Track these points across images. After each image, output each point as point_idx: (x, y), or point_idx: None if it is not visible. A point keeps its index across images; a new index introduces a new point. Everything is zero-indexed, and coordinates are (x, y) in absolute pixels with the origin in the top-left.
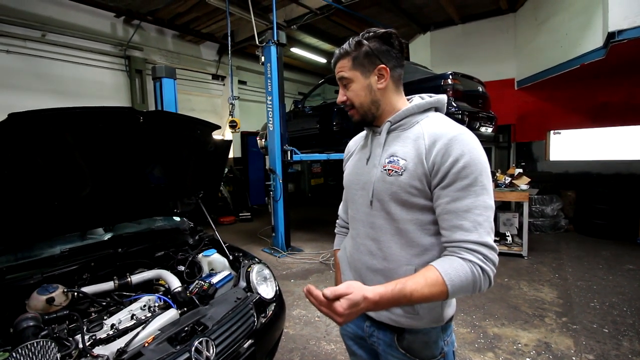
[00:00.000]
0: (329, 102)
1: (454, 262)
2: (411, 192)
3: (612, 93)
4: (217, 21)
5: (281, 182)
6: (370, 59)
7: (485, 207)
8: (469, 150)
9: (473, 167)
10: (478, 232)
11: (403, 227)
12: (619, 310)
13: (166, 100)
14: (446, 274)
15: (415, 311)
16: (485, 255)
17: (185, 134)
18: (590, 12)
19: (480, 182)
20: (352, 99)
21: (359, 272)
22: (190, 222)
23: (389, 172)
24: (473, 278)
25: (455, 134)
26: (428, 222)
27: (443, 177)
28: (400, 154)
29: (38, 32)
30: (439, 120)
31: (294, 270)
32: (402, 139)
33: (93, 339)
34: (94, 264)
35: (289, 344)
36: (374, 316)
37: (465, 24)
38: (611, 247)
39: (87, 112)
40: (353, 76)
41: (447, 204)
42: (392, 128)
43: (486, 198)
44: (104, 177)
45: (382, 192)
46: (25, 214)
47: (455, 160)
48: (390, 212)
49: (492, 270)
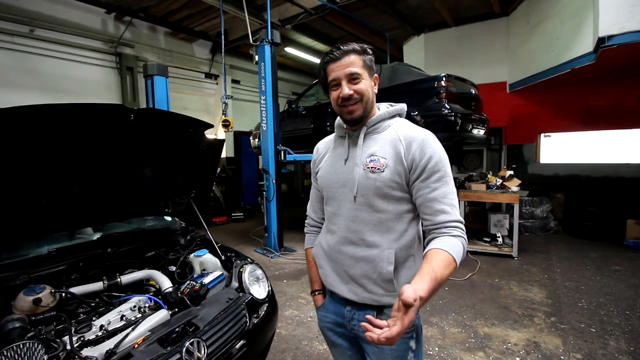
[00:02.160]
0: (322, 102)
1: (451, 241)
2: (392, 186)
3: (601, 97)
4: (211, 19)
5: (274, 182)
6: (372, 67)
7: (453, 192)
8: (437, 149)
9: (442, 162)
10: (455, 212)
11: (384, 217)
12: (605, 310)
13: (158, 98)
14: (453, 252)
15: (395, 288)
16: (462, 229)
17: (177, 133)
18: (581, 17)
19: (448, 173)
20: (363, 92)
21: (341, 263)
22: (181, 222)
23: (372, 169)
24: (462, 247)
25: (425, 137)
26: (403, 212)
27: (421, 173)
28: (380, 154)
29: (26, 27)
30: (407, 125)
31: (286, 270)
32: (378, 140)
33: (81, 340)
34: (82, 264)
35: (282, 345)
36: (357, 299)
37: (458, 27)
38: (599, 249)
39: (76, 109)
40: (363, 74)
41: (429, 194)
42: (367, 131)
43: (452, 186)
44: (93, 176)
45: (366, 187)
46: (11, 213)
47: (429, 158)
48: (373, 205)
49: (465, 237)
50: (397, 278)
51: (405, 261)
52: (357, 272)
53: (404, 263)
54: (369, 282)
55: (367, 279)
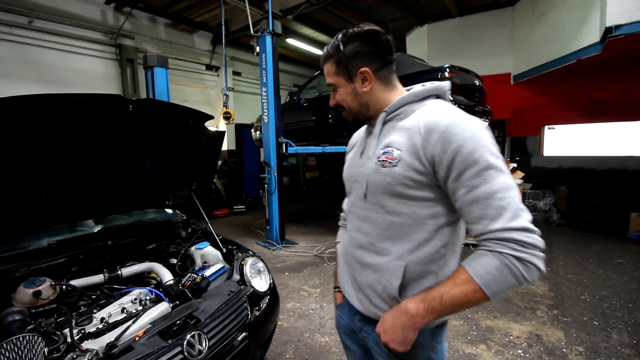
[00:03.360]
0: (324, 94)
1: (482, 258)
2: (406, 183)
3: (606, 89)
4: (211, 10)
5: (276, 174)
6: (352, 63)
7: (506, 188)
8: (471, 135)
9: (478, 151)
10: (503, 217)
11: (397, 221)
12: (608, 303)
13: (158, 90)
14: (475, 273)
15: None
16: (518, 241)
17: (177, 124)
18: (588, 7)
19: (492, 164)
20: (341, 102)
21: (350, 266)
22: (182, 215)
23: (382, 163)
24: (509, 271)
25: (451, 120)
26: (425, 217)
27: (450, 168)
28: (395, 144)
29: (25, 18)
30: (436, 108)
31: (288, 263)
32: (398, 128)
33: (82, 333)
34: (83, 256)
35: (283, 337)
36: (363, 310)
37: (462, 17)
38: (602, 242)
39: (74, 99)
40: (337, 82)
41: (465, 195)
42: (387, 118)
43: (504, 178)
44: (93, 168)
45: (375, 184)
46: (11, 205)
47: (457, 148)
48: (383, 205)
49: (532, 255)
50: (404, 296)
51: (422, 278)
52: (363, 280)
53: (418, 280)
54: (374, 294)
55: (372, 290)
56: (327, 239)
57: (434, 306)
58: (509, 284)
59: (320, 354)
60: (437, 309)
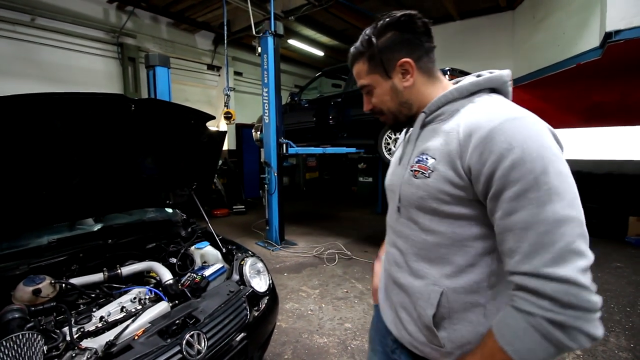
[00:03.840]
0: (325, 95)
1: (509, 317)
2: (442, 198)
3: (606, 93)
4: (213, 10)
5: (276, 175)
6: (388, 56)
7: (555, 219)
8: (520, 142)
9: (528, 164)
10: (541, 257)
11: (433, 241)
12: (606, 307)
13: (160, 89)
14: (501, 338)
15: (441, 343)
16: (552, 298)
17: (179, 124)
18: (588, 12)
19: (544, 184)
20: (378, 105)
21: (387, 284)
22: (182, 214)
23: (415, 173)
24: (543, 337)
25: (498, 123)
26: (467, 238)
27: (489, 184)
28: (431, 152)
29: (27, 16)
30: (486, 106)
31: (287, 263)
32: (438, 132)
33: (81, 332)
34: (82, 255)
35: (282, 337)
36: (396, 335)
37: (463, 20)
38: (600, 245)
39: (76, 98)
40: (372, 81)
41: (501, 220)
42: (427, 120)
43: (557, 207)
44: (94, 166)
45: (407, 197)
46: (11, 203)
47: (498, 159)
48: (417, 221)
49: (576, 317)
50: (443, 329)
51: (465, 310)
52: (397, 301)
53: (460, 312)
54: (409, 319)
55: (408, 314)
56: (327, 240)
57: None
58: (546, 352)
59: (319, 354)
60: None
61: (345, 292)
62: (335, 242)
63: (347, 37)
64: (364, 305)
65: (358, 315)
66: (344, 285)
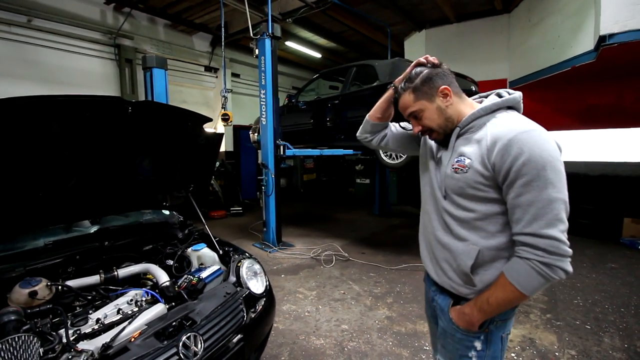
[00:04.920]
0: (323, 97)
1: (515, 263)
2: (477, 187)
3: (600, 96)
4: (211, 12)
5: (273, 176)
6: (430, 85)
7: (549, 199)
8: (529, 148)
9: (533, 163)
10: (537, 223)
11: (472, 216)
12: (601, 307)
13: (157, 91)
14: (510, 276)
15: (474, 282)
16: (545, 249)
17: (176, 126)
18: (583, 15)
19: (543, 176)
20: (429, 125)
21: (431, 244)
22: (179, 216)
23: (455, 170)
24: (537, 273)
25: (515, 134)
26: (496, 213)
27: (506, 176)
28: (467, 154)
29: (24, 17)
30: (505, 121)
31: (284, 265)
32: (470, 141)
33: (77, 334)
34: (79, 257)
35: (279, 339)
36: (438, 281)
37: (460, 23)
38: (595, 246)
39: (74, 101)
40: (421, 106)
41: (513, 199)
42: (461, 132)
43: (550, 192)
44: (90, 168)
45: (451, 186)
46: (8, 205)
47: (514, 159)
48: (460, 204)
49: (556, 260)
50: (477, 274)
51: (494, 260)
52: (440, 255)
53: (490, 262)
54: (449, 268)
55: (449, 264)
56: (324, 242)
57: (483, 308)
58: (539, 282)
59: (315, 356)
60: (487, 310)
61: (342, 293)
62: (333, 243)
63: (344, 39)
64: (361, 306)
65: (355, 317)
66: (341, 287)
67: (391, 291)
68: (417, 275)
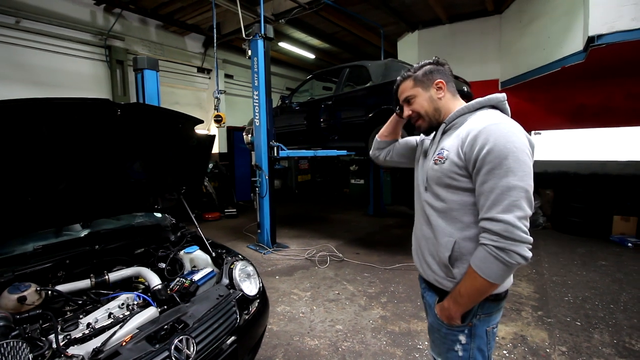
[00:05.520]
0: (316, 98)
1: (478, 251)
2: (452, 177)
3: (590, 95)
4: (203, 12)
5: (267, 178)
6: (429, 77)
7: (508, 187)
8: (494, 138)
9: (497, 152)
10: (495, 209)
11: (449, 206)
12: (591, 304)
13: (148, 92)
14: (474, 264)
15: (454, 275)
16: (498, 233)
17: (166, 128)
18: (572, 16)
19: (505, 165)
20: (418, 109)
21: (418, 240)
22: (172, 219)
23: (435, 161)
24: (494, 258)
25: (483, 127)
26: (470, 203)
27: (474, 165)
28: (447, 147)
29: (12, 18)
30: (483, 116)
31: (279, 266)
32: (452, 136)
33: (67, 339)
34: (69, 261)
35: (273, 340)
36: (424, 276)
37: (452, 24)
38: (586, 244)
39: (61, 104)
40: (415, 92)
41: (479, 187)
42: (446, 128)
43: (510, 179)
44: (80, 171)
45: (431, 177)
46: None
47: (480, 148)
48: (438, 194)
49: (512, 244)
50: (456, 266)
51: (470, 253)
52: (425, 249)
53: (468, 254)
54: (433, 261)
55: (432, 257)
56: (318, 243)
57: (457, 299)
58: (499, 268)
59: (310, 357)
60: (460, 301)
61: (336, 294)
62: (327, 244)
63: (337, 39)
64: (355, 306)
65: (349, 317)
66: (335, 288)
67: (385, 291)
68: (411, 274)
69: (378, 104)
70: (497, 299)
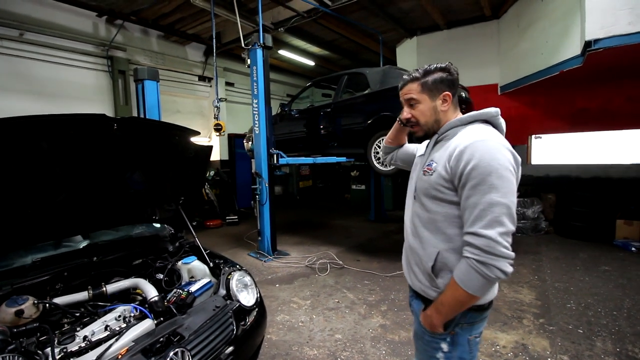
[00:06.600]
0: (315, 105)
1: (460, 263)
2: (439, 189)
3: (590, 99)
4: (203, 22)
5: (267, 185)
6: (437, 86)
7: (490, 203)
8: (479, 155)
9: (481, 169)
10: (478, 224)
11: (434, 217)
12: (593, 311)
13: (149, 103)
14: (456, 276)
15: (438, 286)
16: (480, 247)
17: (163, 141)
18: (569, 21)
19: (488, 181)
20: (418, 117)
21: (406, 249)
22: (170, 229)
23: (424, 172)
24: (475, 271)
25: (470, 143)
26: (454, 216)
27: (459, 179)
28: (436, 159)
29: (15, 30)
30: (472, 131)
31: (279, 274)
32: (443, 147)
33: (64, 352)
34: (67, 273)
35: (272, 350)
36: (411, 285)
37: (450, 30)
38: (588, 249)
39: (57, 120)
40: (421, 98)
41: (463, 202)
42: (438, 139)
43: (493, 196)
44: (79, 184)
45: (420, 187)
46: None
47: (465, 164)
48: (424, 204)
49: (492, 259)
50: (440, 276)
51: (453, 264)
52: (412, 259)
53: (451, 265)
54: (418, 270)
55: (418, 267)
56: (319, 249)
57: (439, 308)
58: (479, 281)
59: None
60: (442, 310)
61: (336, 302)
62: (328, 251)
63: (336, 47)
64: (355, 315)
65: (349, 326)
66: (335, 296)
67: (385, 299)
68: None
69: (376, 110)
70: (480, 309)
